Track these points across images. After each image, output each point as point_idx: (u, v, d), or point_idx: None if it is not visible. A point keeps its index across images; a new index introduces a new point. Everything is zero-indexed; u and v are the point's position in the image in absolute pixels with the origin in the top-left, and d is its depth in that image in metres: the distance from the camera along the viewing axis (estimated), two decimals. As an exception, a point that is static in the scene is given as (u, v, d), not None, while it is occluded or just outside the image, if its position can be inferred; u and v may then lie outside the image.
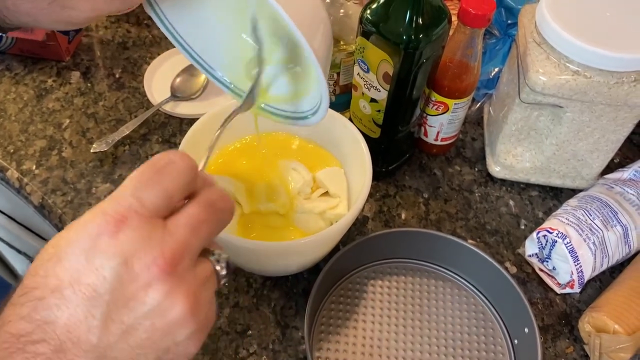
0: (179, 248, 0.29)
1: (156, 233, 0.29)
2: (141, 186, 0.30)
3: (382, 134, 0.63)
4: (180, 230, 0.30)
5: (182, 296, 0.29)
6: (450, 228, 0.65)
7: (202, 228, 0.31)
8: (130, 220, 0.29)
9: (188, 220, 0.30)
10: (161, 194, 0.30)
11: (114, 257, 0.28)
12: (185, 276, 0.29)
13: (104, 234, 0.28)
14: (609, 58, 0.53)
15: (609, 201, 0.60)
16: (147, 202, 0.29)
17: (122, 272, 0.28)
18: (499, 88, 0.70)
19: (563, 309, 0.59)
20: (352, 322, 0.57)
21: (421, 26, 0.52)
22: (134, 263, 0.28)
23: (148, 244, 0.29)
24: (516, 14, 0.73)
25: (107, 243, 0.28)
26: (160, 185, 0.30)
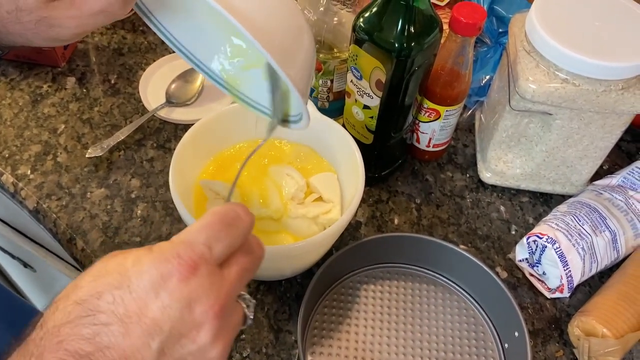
0: (229, 295, 0.33)
1: (216, 281, 0.32)
2: (214, 237, 0.33)
3: (375, 140, 0.63)
4: (232, 278, 0.34)
5: (223, 339, 0.33)
6: (442, 233, 0.66)
7: (246, 275, 0.35)
8: (201, 269, 0.32)
9: (239, 269, 0.34)
10: (227, 247, 0.34)
11: (181, 299, 0.31)
12: (228, 320, 0.33)
13: (175, 276, 0.31)
14: (597, 66, 0.54)
15: (598, 207, 0.61)
16: (216, 253, 0.33)
17: (185, 313, 0.31)
18: (490, 95, 0.71)
19: (553, 313, 0.60)
20: (345, 326, 0.57)
21: (413, 34, 0.53)
22: (195, 307, 0.31)
23: (210, 291, 0.32)
24: (507, 22, 0.74)
25: (176, 285, 0.31)
26: (230, 239, 0.34)
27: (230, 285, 0.33)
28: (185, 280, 0.31)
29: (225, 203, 0.36)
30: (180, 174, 0.54)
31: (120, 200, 0.66)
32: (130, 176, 0.68)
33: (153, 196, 0.66)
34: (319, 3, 0.62)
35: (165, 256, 0.32)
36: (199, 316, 0.31)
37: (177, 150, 0.55)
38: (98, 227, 0.63)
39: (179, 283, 0.31)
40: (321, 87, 0.68)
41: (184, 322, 0.31)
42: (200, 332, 0.31)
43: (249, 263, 0.35)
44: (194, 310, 0.31)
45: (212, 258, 0.33)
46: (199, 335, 0.31)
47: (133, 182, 0.68)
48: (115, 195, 0.66)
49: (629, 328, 0.54)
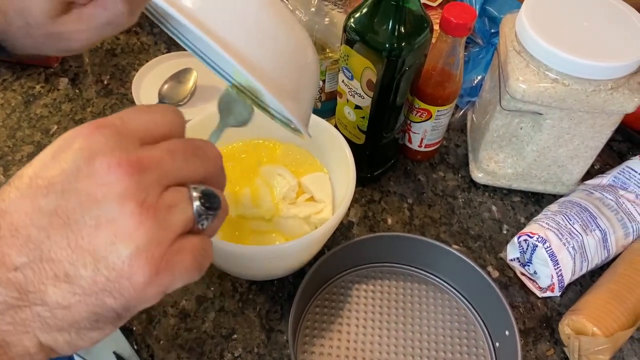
0: (147, 159, 0.27)
1: (128, 144, 0.27)
2: (129, 111, 0.29)
3: (367, 140, 0.64)
4: (154, 150, 0.28)
5: (135, 204, 0.26)
6: (434, 233, 0.66)
7: (178, 154, 0.29)
8: (110, 128, 0.27)
9: (165, 146, 0.29)
10: (146, 119, 0.29)
11: (79, 151, 0.26)
12: (144, 189, 0.26)
13: (77, 138, 0.27)
14: (586, 66, 0.54)
15: (589, 206, 0.62)
16: (130, 123, 0.28)
17: (81, 166, 0.26)
18: (482, 96, 0.71)
19: (544, 312, 0.60)
20: (337, 325, 0.57)
21: (403, 34, 0.53)
22: (95, 160, 0.26)
23: (117, 148, 0.27)
24: (499, 23, 0.75)
25: (79, 142, 0.27)
26: (148, 114, 0.29)
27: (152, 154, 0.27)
28: (88, 137, 0.26)
29: None
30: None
31: (112, 200, 0.66)
32: (122, 177, 0.68)
33: (145, 196, 0.66)
34: (310, 3, 0.62)
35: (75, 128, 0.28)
36: (100, 170, 0.26)
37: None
38: (90, 227, 0.63)
39: (81, 140, 0.26)
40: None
41: (79, 177, 0.26)
42: (102, 188, 0.26)
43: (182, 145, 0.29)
44: (93, 163, 0.26)
45: (124, 126, 0.28)
46: (99, 191, 0.26)
47: None
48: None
49: (618, 326, 0.54)
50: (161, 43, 0.85)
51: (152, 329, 0.56)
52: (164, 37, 0.86)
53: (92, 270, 0.26)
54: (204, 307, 0.58)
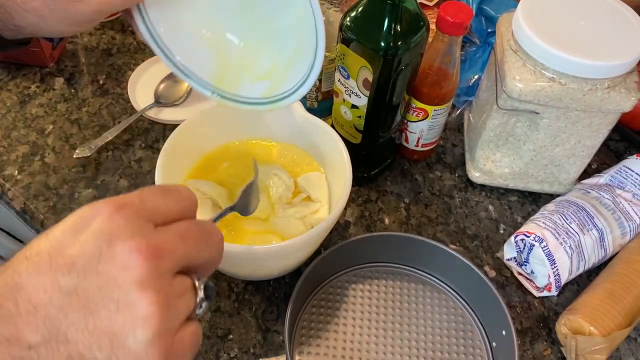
0: (163, 247, 0.29)
1: (146, 228, 0.29)
2: (147, 192, 0.31)
3: (364, 140, 0.63)
4: (168, 234, 0.30)
5: (153, 291, 0.27)
6: (431, 232, 0.66)
7: (190, 241, 0.31)
8: (128, 209, 0.29)
9: (178, 230, 0.30)
10: (162, 203, 0.31)
11: (100, 233, 0.27)
12: (161, 276, 0.28)
13: (98, 216, 0.28)
14: (583, 65, 0.54)
15: (586, 206, 0.61)
16: (148, 204, 0.30)
17: (103, 249, 0.27)
18: (479, 95, 0.71)
19: (541, 311, 0.60)
20: (333, 325, 0.57)
21: (399, 33, 0.53)
22: (117, 244, 0.27)
23: (137, 232, 0.28)
24: (496, 22, 0.75)
25: (99, 222, 0.28)
26: (164, 198, 0.31)
27: (167, 239, 0.29)
28: (109, 219, 0.28)
29: None
30: (166, 174, 0.54)
31: (108, 200, 0.65)
32: (118, 176, 0.68)
33: (141, 196, 0.66)
34: (306, 2, 0.62)
35: (91, 204, 0.29)
36: (121, 254, 0.27)
37: (164, 150, 0.55)
38: (85, 227, 0.63)
39: (101, 221, 0.28)
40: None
41: (101, 260, 0.27)
42: (123, 273, 0.27)
43: (194, 231, 0.31)
44: (115, 247, 0.27)
45: (142, 207, 0.29)
46: (120, 276, 0.27)
47: (121, 183, 0.67)
48: (103, 196, 0.65)
49: (615, 326, 0.54)
50: (157, 42, 0.84)
51: (147, 330, 0.56)
52: (160, 36, 0.85)
53: (108, 353, 0.26)
54: (200, 307, 0.58)
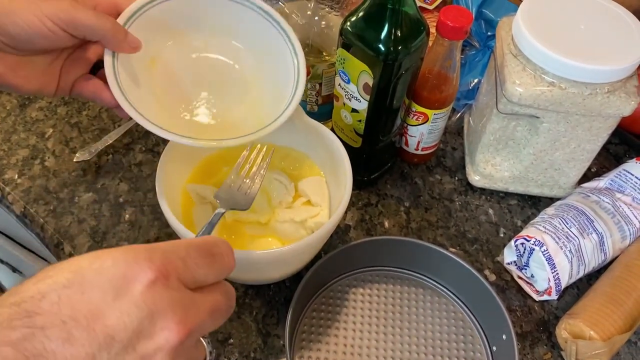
0: (197, 324, 0.29)
1: (185, 301, 0.29)
2: (194, 257, 0.31)
3: (364, 144, 0.64)
4: (205, 307, 0.30)
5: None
6: (431, 236, 0.66)
7: (217, 316, 0.31)
8: (172, 280, 0.28)
9: (212, 305, 0.31)
10: (203, 275, 0.31)
11: (143, 307, 0.27)
12: (188, 353, 0.29)
13: (140, 281, 0.27)
14: (583, 70, 0.54)
15: (585, 210, 0.61)
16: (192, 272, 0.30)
17: (144, 325, 0.27)
18: (478, 99, 0.71)
19: (541, 315, 0.60)
20: (334, 330, 0.57)
21: (400, 38, 0.53)
22: (158, 320, 0.27)
23: (178, 307, 0.28)
24: (496, 26, 0.75)
25: (141, 291, 0.27)
26: (209, 268, 0.31)
27: (201, 316, 0.29)
28: (151, 287, 0.27)
29: (216, 237, 0.35)
30: (166, 178, 0.54)
31: (108, 204, 0.66)
32: (118, 180, 0.68)
33: (141, 200, 0.66)
34: (306, 7, 0.62)
35: (133, 256, 0.28)
36: (160, 333, 0.27)
37: (164, 154, 0.55)
38: (86, 231, 0.63)
39: (144, 289, 0.27)
40: (310, 90, 0.68)
41: (141, 336, 0.26)
42: (158, 353, 0.27)
43: (223, 305, 0.32)
44: (156, 324, 0.27)
45: (185, 276, 0.30)
46: (155, 357, 0.27)
47: (121, 187, 0.67)
48: (103, 200, 0.66)
49: (616, 330, 0.54)
50: (157, 46, 0.84)
51: (148, 334, 0.56)
52: (160, 40, 0.85)
53: None
54: (200, 311, 0.58)
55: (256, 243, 0.56)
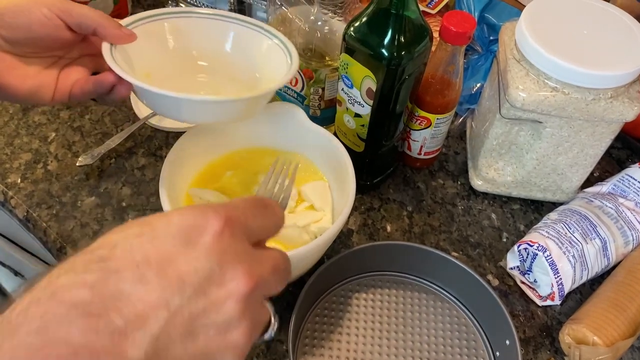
0: (261, 279, 0.29)
1: (249, 255, 0.29)
2: (250, 208, 0.31)
3: (367, 148, 0.64)
4: (266, 265, 0.30)
5: (248, 323, 0.28)
6: (434, 241, 0.66)
7: (278, 276, 0.31)
8: (236, 227, 0.29)
9: (273, 262, 0.31)
10: (260, 228, 0.32)
11: (214, 254, 0.27)
12: (255, 306, 0.29)
13: (209, 231, 0.28)
14: (586, 75, 0.54)
15: (588, 215, 0.61)
16: (251, 223, 0.31)
17: (215, 272, 0.27)
18: (481, 103, 0.71)
19: (544, 320, 0.60)
20: (337, 335, 0.57)
21: (403, 43, 0.53)
22: (227, 269, 0.28)
23: (244, 257, 0.29)
24: (498, 30, 0.75)
25: (210, 241, 0.28)
26: (264, 219, 0.32)
27: (264, 270, 0.30)
28: (219, 237, 0.28)
29: None
30: (170, 182, 0.54)
31: (111, 208, 0.66)
32: (121, 184, 0.68)
33: (144, 204, 0.66)
34: (309, 12, 0.62)
35: (200, 210, 0.28)
36: (229, 281, 0.27)
37: (168, 159, 0.55)
38: (89, 236, 0.63)
39: (212, 239, 0.28)
40: (312, 95, 0.68)
41: (211, 283, 0.27)
42: (228, 302, 0.27)
43: (282, 263, 0.32)
44: (225, 273, 0.27)
45: (246, 228, 0.30)
46: (225, 304, 0.27)
47: (124, 191, 0.67)
48: (106, 204, 0.66)
49: (619, 336, 0.54)
50: (160, 50, 0.84)
51: (150, 339, 0.56)
52: (162, 43, 0.85)
53: None
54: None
55: (259, 248, 0.56)
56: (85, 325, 0.24)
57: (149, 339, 0.25)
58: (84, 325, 0.24)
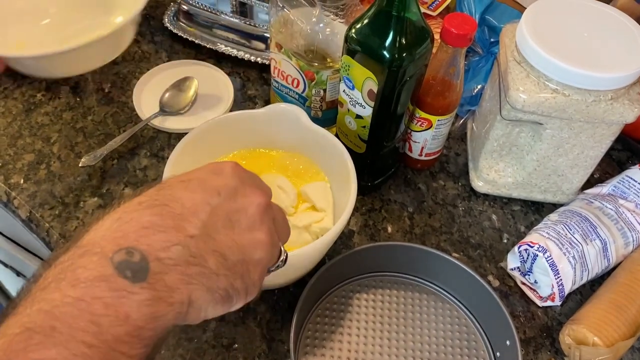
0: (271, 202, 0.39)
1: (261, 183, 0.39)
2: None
3: (368, 149, 0.64)
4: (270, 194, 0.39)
5: (267, 228, 0.36)
6: (435, 242, 0.66)
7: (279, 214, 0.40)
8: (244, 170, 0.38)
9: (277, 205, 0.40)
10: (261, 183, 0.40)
11: (236, 177, 0.36)
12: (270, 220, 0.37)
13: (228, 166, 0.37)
14: (586, 77, 0.55)
15: (589, 216, 0.62)
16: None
17: (239, 186, 0.36)
18: (482, 105, 0.71)
19: (544, 321, 0.60)
20: (338, 335, 0.57)
21: (404, 45, 0.53)
22: (247, 186, 0.36)
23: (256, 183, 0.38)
24: (499, 32, 0.75)
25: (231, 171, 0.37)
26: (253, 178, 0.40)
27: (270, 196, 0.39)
28: (236, 168, 0.37)
29: None
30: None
31: (113, 209, 0.66)
32: (123, 185, 0.68)
33: (146, 205, 0.66)
34: (311, 14, 0.63)
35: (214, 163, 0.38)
36: (250, 194, 0.36)
37: (170, 160, 0.55)
38: (91, 236, 0.63)
39: (231, 169, 0.37)
40: (314, 96, 0.68)
41: (238, 194, 0.36)
42: (250, 207, 0.36)
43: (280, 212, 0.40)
44: (246, 188, 0.36)
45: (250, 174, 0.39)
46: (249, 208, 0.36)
47: (126, 191, 0.68)
48: (109, 205, 0.66)
49: (619, 336, 0.54)
50: (162, 51, 0.85)
51: (153, 339, 0.56)
52: (164, 45, 0.86)
53: (238, 257, 0.34)
54: (205, 316, 0.58)
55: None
56: (151, 212, 0.32)
57: (200, 223, 0.33)
58: (150, 212, 0.32)
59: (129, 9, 0.67)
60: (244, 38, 0.83)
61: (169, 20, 0.87)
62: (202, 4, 0.84)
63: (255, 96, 0.80)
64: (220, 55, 0.83)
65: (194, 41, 0.84)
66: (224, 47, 0.83)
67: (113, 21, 0.69)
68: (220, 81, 0.80)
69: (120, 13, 0.65)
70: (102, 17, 0.66)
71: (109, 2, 0.66)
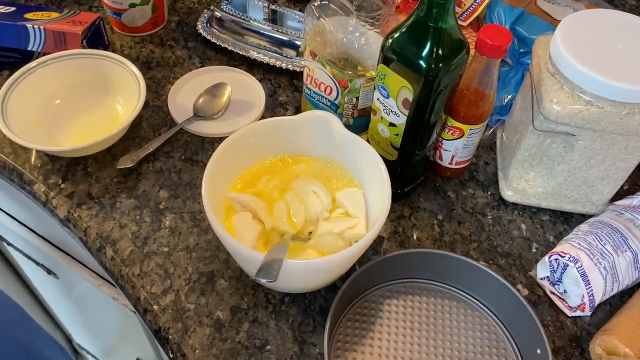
0: None
1: None
2: None
3: (399, 157, 0.65)
4: None
5: None
6: (464, 250, 0.67)
7: None
8: None
9: None
10: None
11: None
12: None
13: None
14: (621, 90, 0.55)
15: (619, 227, 0.62)
16: None
17: None
18: (512, 115, 0.72)
19: (574, 331, 0.61)
20: (368, 339, 0.58)
21: (441, 56, 0.54)
22: None
23: None
24: (529, 43, 0.76)
25: None
26: None
27: None
28: None
29: None
30: (211, 188, 0.56)
31: (149, 210, 0.67)
32: (158, 187, 0.70)
33: (181, 207, 0.68)
34: (347, 24, 0.64)
35: None
36: None
37: (208, 167, 0.57)
38: (127, 236, 0.65)
39: None
40: (347, 104, 0.69)
41: None
42: None
43: None
44: None
45: None
46: None
47: (161, 194, 0.69)
48: (144, 206, 0.68)
49: (650, 348, 0.54)
50: (195, 57, 0.87)
51: (187, 338, 0.57)
52: (198, 51, 0.88)
53: None
54: (238, 317, 0.59)
55: (295, 254, 0.57)
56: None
57: None
58: None
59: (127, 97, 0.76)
60: (275, 45, 0.85)
61: (202, 26, 0.89)
62: (235, 11, 0.86)
63: (286, 102, 0.81)
64: (252, 61, 0.85)
65: (227, 47, 0.85)
66: (255, 53, 0.84)
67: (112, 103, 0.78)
68: (252, 87, 0.82)
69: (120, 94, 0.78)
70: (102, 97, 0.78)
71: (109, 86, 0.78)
